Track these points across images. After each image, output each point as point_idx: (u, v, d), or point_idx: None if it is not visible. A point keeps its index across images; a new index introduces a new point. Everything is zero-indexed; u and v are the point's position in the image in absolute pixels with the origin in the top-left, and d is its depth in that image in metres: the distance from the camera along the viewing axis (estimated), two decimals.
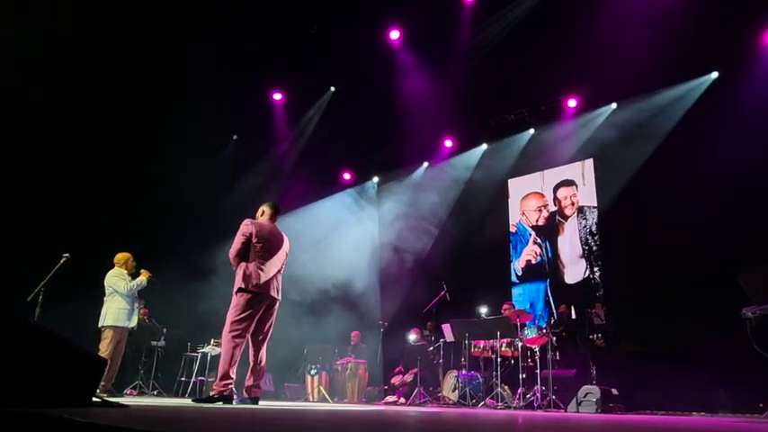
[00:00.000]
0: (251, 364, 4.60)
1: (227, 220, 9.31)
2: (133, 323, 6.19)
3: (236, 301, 4.45)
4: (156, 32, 7.59)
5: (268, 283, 4.54)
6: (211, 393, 4.38)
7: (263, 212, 4.87)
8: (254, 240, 4.55)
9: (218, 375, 4.34)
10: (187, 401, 5.18)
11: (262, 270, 4.51)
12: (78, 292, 6.54)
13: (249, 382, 4.55)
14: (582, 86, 8.69)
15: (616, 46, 6.94)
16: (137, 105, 7.98)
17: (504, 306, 7.98)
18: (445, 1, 8.28)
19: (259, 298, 4.48)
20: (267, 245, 4.61)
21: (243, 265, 4.50)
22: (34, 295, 5.56)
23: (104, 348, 5.86)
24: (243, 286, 4.43)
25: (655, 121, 8.06)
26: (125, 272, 6.23)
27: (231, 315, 4.43)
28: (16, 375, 2.10)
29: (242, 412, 3.08)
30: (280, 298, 4.71)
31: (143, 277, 6.23)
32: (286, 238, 4.87)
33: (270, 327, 4.69)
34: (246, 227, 4.60)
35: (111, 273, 6.20)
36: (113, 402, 2.64)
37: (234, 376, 4.40)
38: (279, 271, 4.71)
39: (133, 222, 8.45)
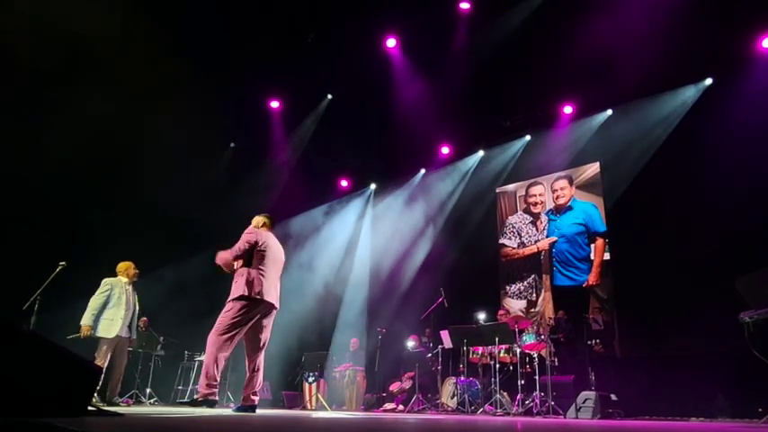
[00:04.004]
0: (248, 372, 4.56)
1: (224, 228, 9.31)
2: (112, 333, 5.94)
3: (233, 306, 4.42)
4: (156, 40, 7.63)
5: (269, 290, 4.54)
6: (196, 397, 4.30)
7: (263, 223, 4.88)
8: (259, 248, 4.56)
9: (203, 378, 4.25)
10: (183, 411, 5.14)
11: (264, 277, 4.51)
12: (76, 300, 6.50)
13: (247, 390, 4.51)
14: (578, 93, 8.74)
15: (611, 53, 7.00)
16: (135, 110, 7.99)
17: (500, 312, 7.98)
18: (441, 9, 8.34)
19: (256, 305, 4.46)
20: (270, 253, 4.63)
21: (244, 271, 4.48)
22: (30, 303, 5.53)
23: (99, 358, 5.86)
24: (246, 294, 4.39)
25: (651, 127, 8.10)
26: (110, 281, 6.19)
27: (225, 319, 4.37)
28: (10, 383, 2.08)
29: (239, 420, 3.06)
30: (278, 306, 4.70)
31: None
32: (281, 248, 4.89)
33: (267, 335, 4.67)
34: (251, 235, 4.61)
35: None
36: (108, 411, 2.62)
37: (218, 380, 4.35)
38: (278, 279, 4.72)
39: (131, 231, 8.43)
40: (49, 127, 7.35)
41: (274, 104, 10.34)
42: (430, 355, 7.87)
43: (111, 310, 6.03)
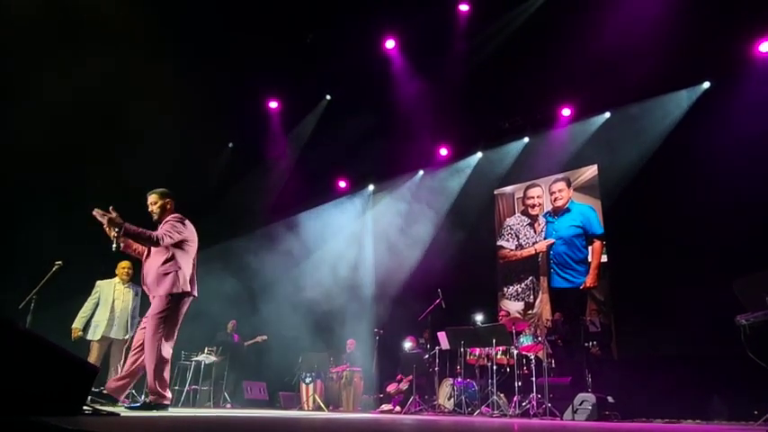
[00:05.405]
0: (154, 365, 4.09)
1: (221, 229, 9.30)
2: (97, 335, 5.98)
3: (173, 304, 4.17)
4: (155, 39, 7.62)
5: (196, 282, 4.43)
6: (149, 400, 4.05)
7: (169, 205, 4.54)
8: (190, 243, 4.39)
9: (156, 383, 4.01)
10: (180, 411, 5.14)
11: (194, 270, 4.42)
12: (72, 300, 6.49)
13: (162, 386, 4.10)
14: (576, 95, 8.75)
15: (610, 55, 7.01)
16: (134, 111, 7.97)
17: (501, 313, 7.99)
18: (441, 10, 8.35)
19: (189, 299, 4.33)
20: (194, 243, 4.47)
21: (176, 264, 4.25)
22: (26, 303, 5.52)
23: (89, 360, 5.88)
24: (186, 290, 4.21)
25: (649, 129, 8.12)
26: (100, 284, 6.26)
27: (167, 318, 4.12)
28: (6, 382, 2.07)
29: (236, 420, 3.06)
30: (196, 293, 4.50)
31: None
32: None
33: None
34: (183, 227, 4.36)
35: None
36: (104, 411, 2.62)
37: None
38: None
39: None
40: (48, 125, 7.33)
41: (273, 105, 10.34)
42: (427, 356, 7.86)
43: (99, 312, 6.10)
